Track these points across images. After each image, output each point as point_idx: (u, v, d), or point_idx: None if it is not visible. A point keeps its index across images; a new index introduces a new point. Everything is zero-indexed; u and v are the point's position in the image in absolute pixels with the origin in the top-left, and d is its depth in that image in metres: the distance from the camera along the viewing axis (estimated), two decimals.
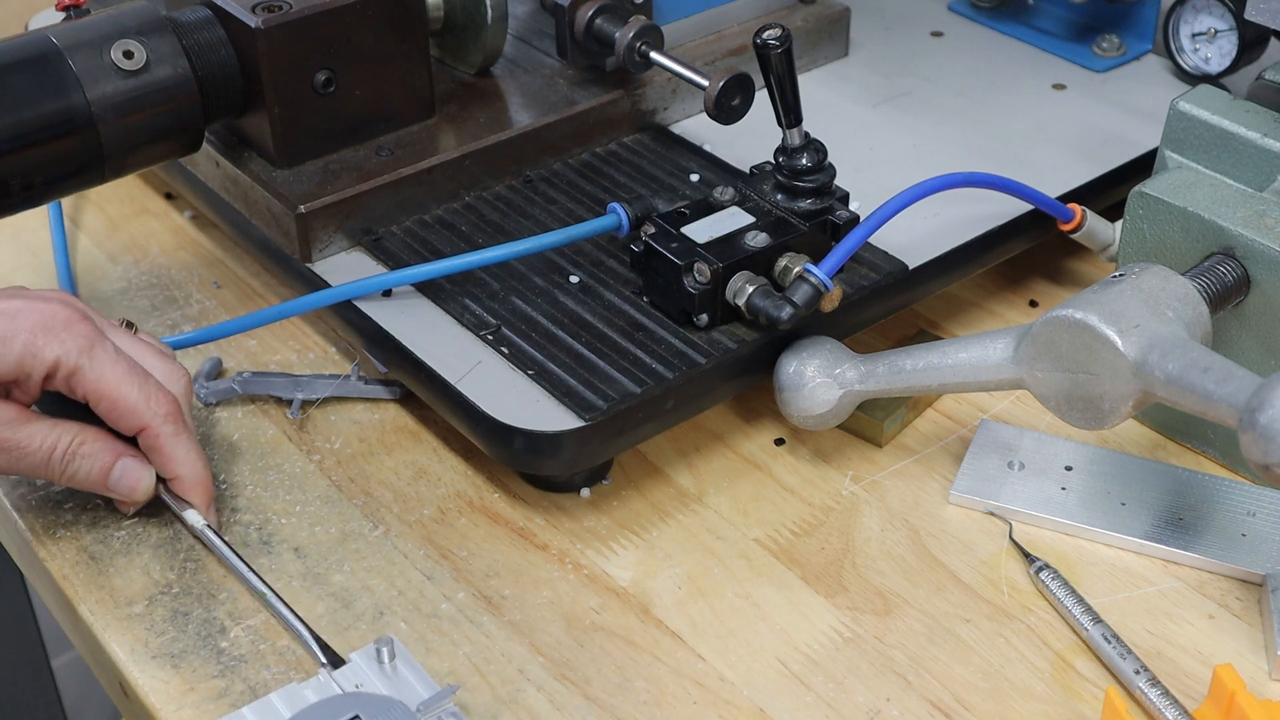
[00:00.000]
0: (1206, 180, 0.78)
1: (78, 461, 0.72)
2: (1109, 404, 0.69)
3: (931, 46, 1.07)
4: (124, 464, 0.73)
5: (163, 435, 0.73)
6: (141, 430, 0.72)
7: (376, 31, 0.85)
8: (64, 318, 0.71)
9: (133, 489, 0.73)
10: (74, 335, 0.71)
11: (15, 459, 0.71)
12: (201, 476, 0.74)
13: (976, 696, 0.68)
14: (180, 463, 0.73)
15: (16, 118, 0.75)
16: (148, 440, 0.73)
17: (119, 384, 0.71)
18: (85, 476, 0.73)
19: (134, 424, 0.72)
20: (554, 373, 0.75)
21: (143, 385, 0.72)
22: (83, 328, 0.71)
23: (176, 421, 0.73)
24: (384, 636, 0.67)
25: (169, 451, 0.73)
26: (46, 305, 0.71)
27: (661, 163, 0.92)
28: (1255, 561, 0.73)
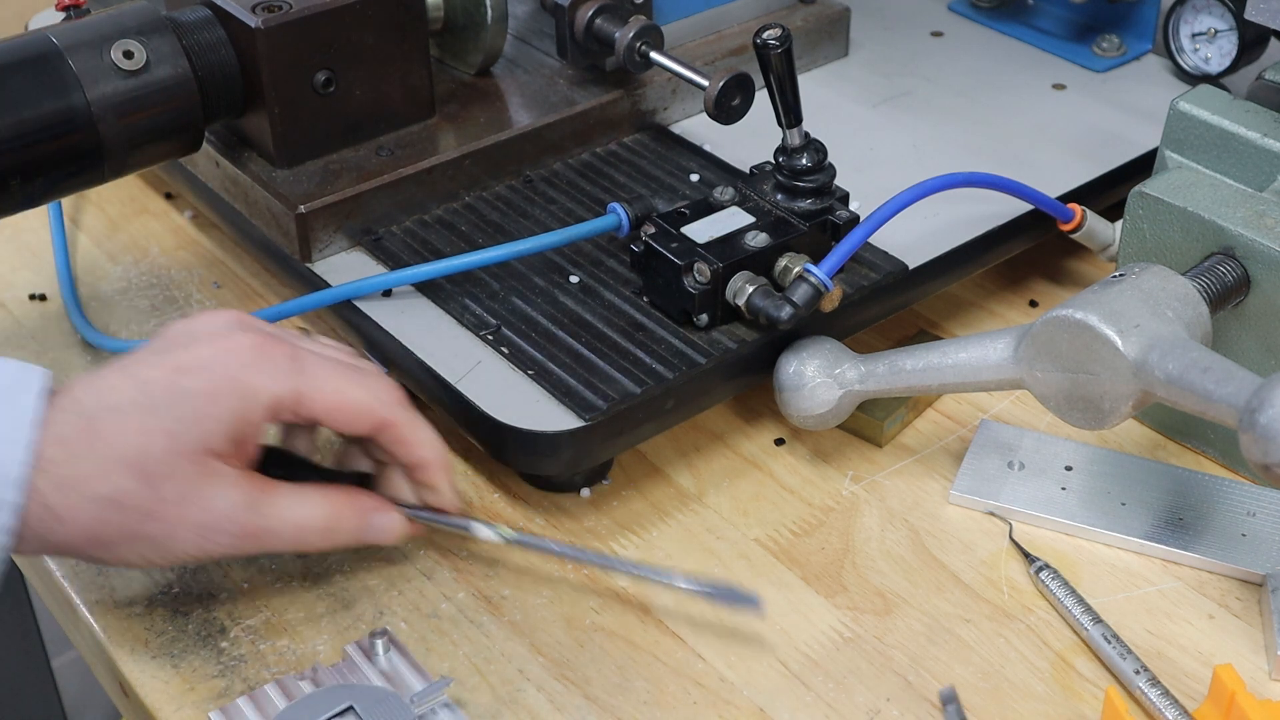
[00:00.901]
0: (1206, 180, 0.78)
1: (330, 538, 0.68)
2: (1109, 404, 0.69)
3: (931, 46, 1.07)
4: (372, 521, 0.69)
5: (401, 424, 0.68)
6: (380, 426, 0.68)
7: (376, 31, 0.85)
8: (254, 346, 0.66)
9: (387, 538, 0.70)
10: (275, 361, 0.66)
11: (264, 544, 0.67)
12: (446, 455, 0.70)
13: (976, 696, 0.68)
14: (423, 445, 0.69)
15: (16, 118, 0.75)
16: (389, 435, 0.68)
17: (343, 391, 0.67)
18: (338, 546, 0.70)
19: (371, 423, 0.68)
20: (554, 373, 0.75)
21: (361, 380, 0.68)
22: (278, 350, 0.66)
23: (408, 405, 0.69)
24: (379, 628, 0.67)
25: (412, 439, 0.69)
26: (230, 341, 0.66)
27: (661, 163, 0.92)
28: (1255, 561, 0.73)
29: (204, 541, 0.65)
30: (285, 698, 0.66)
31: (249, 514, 0.65)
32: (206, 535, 0.64)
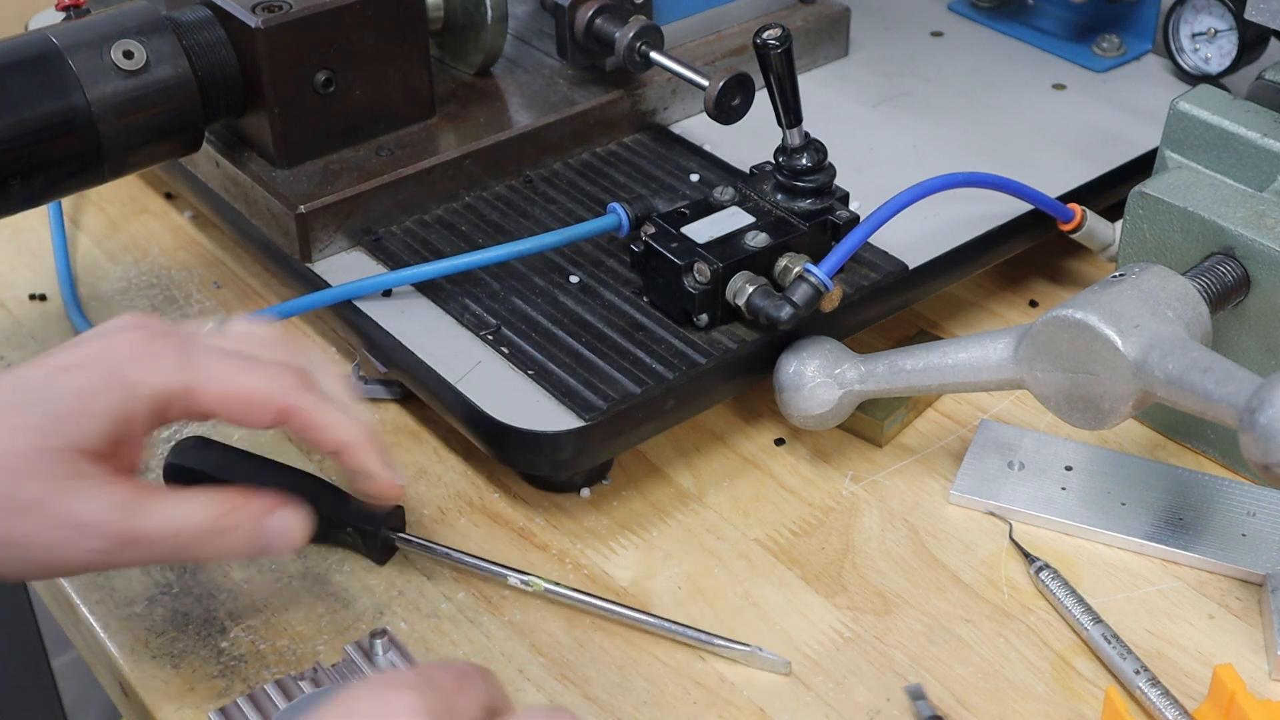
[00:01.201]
0: (1206, 180, 0.78)
1: (216, 544, 0.62)
2: (1109, 404, 0.69)
3: (931, 46, 1.07)
4: (268, 524, 0.63)
5: (306, 408, 0.62)
6: (284, 414, 0.62)
7: (376, 31, 0.85)
8: (140, 340, 0.62)
9: (289, 542, 0.63)
10: (161, 354, 0.61)
11: (141, 551, 0.61)
12: (366, 433, 0.64)
13: (976, 696, 0.68)
14: (337, 427, 0.63)
15: (16, 118, 0.75)
16: (296, 423, 0.63)
17: (234, 379, 0.62)
18: (231, 553, 0.63)
19: (272, 412, 0.62)
20: (554, 373, 0.75)
21: (259, 368, 0.63)
22: (164, 344, 0.62)
23: (312, 389, 0.63)
24: (379, 628, 0.68)
25: (321, 422, 0.63)
26: (116, 337, 0.62)
27: (661, 163, 0.92)
28: (1255, 561, 0.73)
29: (68, 548, 0.60)
30: (285, 698, 0.66)
31: (120, 516, 0.60)
32: (71, 540, 0.60)
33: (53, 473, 0.59)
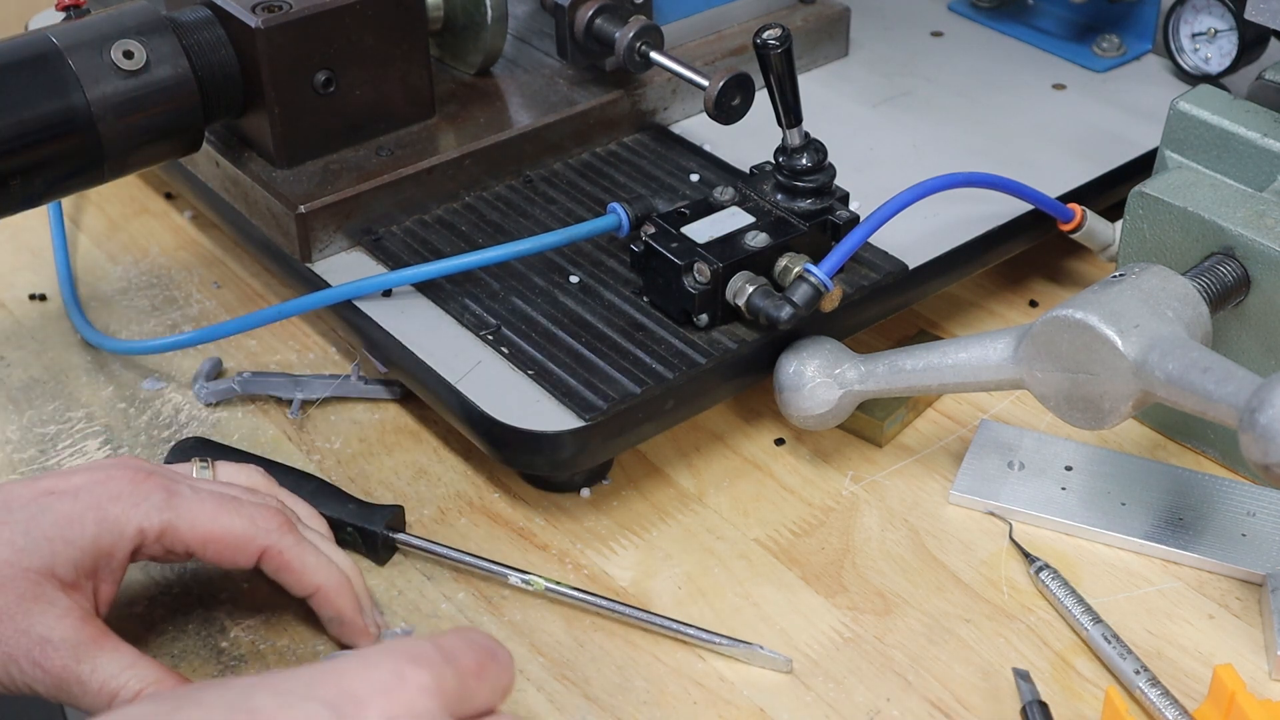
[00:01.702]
0: (1206, 180, 0.78)
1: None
2: (1109, 404, 0.69)
3: (931, 46, 1.07)
4: None
5: (284, 550, 0.65)
6: (261, 554, 0.65)
7: (376, 31, 0.85)
8: (128, 479, 0.64)
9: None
10: (147, 494, 0.63)
11: (72, 697, 0.60)
12: (342, 578, 0.67)
13: (976, 696, 0.68)
14: (314, 571, 0.66)
15: (16, 118, 0.75)
16: (270, 562, 0.65)
17: (216, 519, 0.64)
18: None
19: (250, 552, 0.64)
20: (554, 373, 0.75)
21: (240, 509, 0.65)
22: (151, 483, 0.64)
23: (292, 531, 0.66)
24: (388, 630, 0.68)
25: (298, 565, 0.65)
26: (107, 472, 0.64)
27: (661, 163, 0.92)
28: (1255, 561, 0.73)
29: (10, 665, 0.60)
30: None
31: (64, 657, 0.60)
32: (16, 661, 0.60)
33: (19, 590, 0.61)
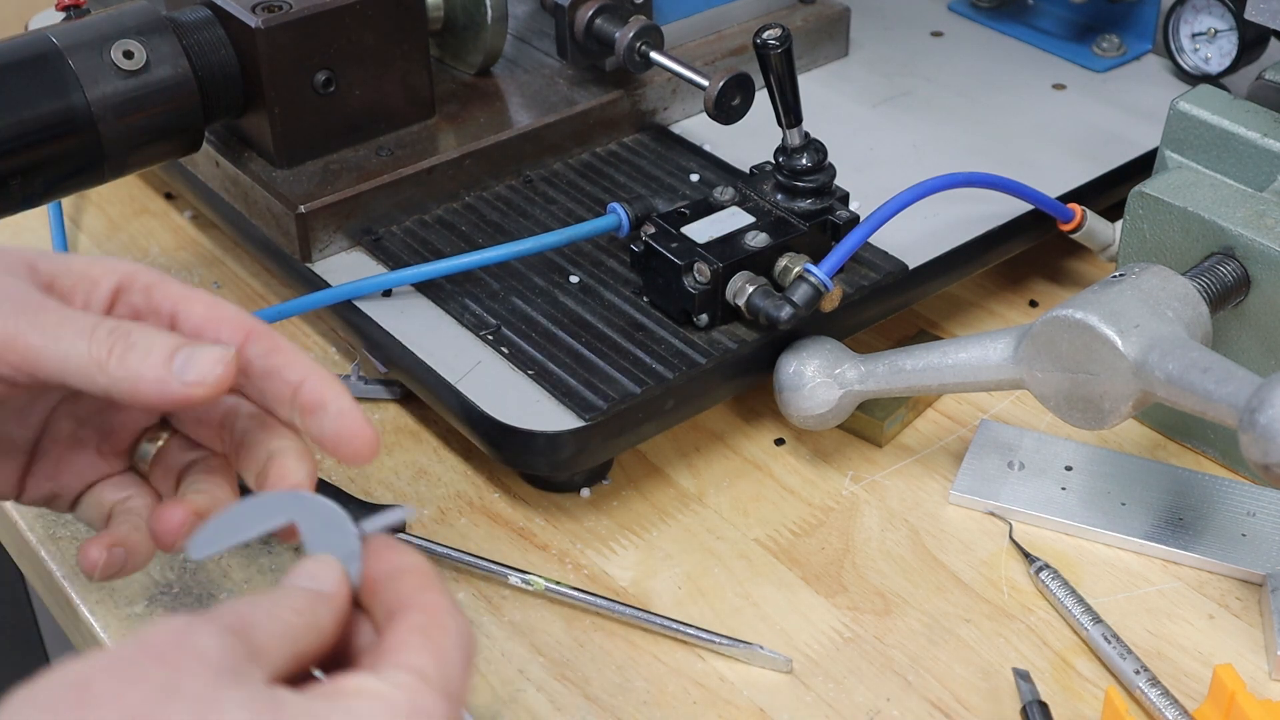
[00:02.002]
0: (1206, 180, 0.78)
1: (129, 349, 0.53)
2: (1109, 404, 0.69)
3: (931, 46, 1.07)
4: (186, 351, 0.53)
5: (272, 335, 0.56)
6: (251, 333, 0.56)
7: (376, 31, 0.85)
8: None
9: (205, 369, 0.53)
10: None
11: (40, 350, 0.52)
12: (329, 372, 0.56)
13: (976, 696, 0.68)
14: (304, 362, 0.56)
15: (16, 118, 0.75)
16: (261, 343, 0.56)
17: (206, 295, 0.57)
18: (138, 366, 0.52)
19: (241, 326, 0.56)
20: (554, 373, 0.75)
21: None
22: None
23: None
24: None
25: (289, 351, 0.56)
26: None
27: (661, 163, 0.92)
28: (1255, 561, 0.73)
29: None
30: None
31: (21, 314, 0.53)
32: None
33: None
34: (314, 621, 0.50)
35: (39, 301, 0.53)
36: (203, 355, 0.53)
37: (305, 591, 0.51)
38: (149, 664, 0.44)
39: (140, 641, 0.45)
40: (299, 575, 0.52)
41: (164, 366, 0.53)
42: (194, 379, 0.53)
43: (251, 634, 0.47)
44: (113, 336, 0.53)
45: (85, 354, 0.52)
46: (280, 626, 0.48)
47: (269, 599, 0.49)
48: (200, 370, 0.53)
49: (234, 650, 0.45)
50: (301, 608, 0.50)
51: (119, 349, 0.53)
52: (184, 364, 0.53)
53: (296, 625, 0.49)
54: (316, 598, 0.50)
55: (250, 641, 0.47)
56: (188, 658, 0.44)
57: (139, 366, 0.53)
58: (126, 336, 0.53)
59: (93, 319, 0.53)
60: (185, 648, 0.45)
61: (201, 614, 0.46)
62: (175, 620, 0.46)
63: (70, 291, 0.55)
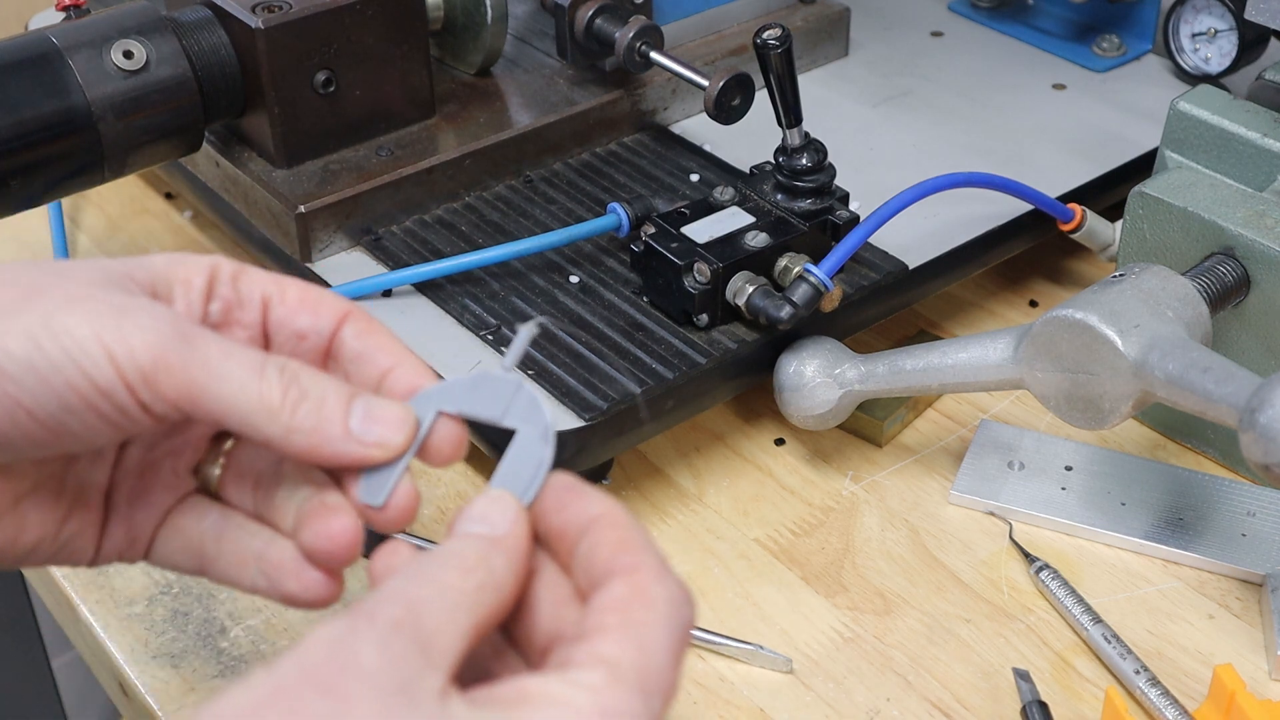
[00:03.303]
0: (1206, 180, 0.78)
1: (303, 399, 0.47)
2: (1109, 404, 0.69)
3: (931, 46, 1.07)
4: (362, 405, 0.48)
5: (369, 318, 0.52)
6: (345, 316, 0.51)
7: (376, 31, 0.85)
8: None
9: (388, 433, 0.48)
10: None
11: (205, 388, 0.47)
12: (422, 363, 0.52)
13: (976, 696, 0.68)
14: (398, 349, 0.52)
15: (16, 118, 0.75)
16: (357, 325, 0.51)
17: (298, 281, 0.53)
18: (314, 427, 0.47)
19: (336, 309, 0.51)
20: (554, 373, 0.75)
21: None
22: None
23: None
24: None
25: (383, 335, 0.51)
26: None
27: (661, 163, 0.92)
28: (1255, 561, 0.73)
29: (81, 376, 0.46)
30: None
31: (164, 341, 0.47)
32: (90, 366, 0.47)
33: (102, 282, 0.48)
34: (488, 579, 0.44)
35: (193, 330, 0.47)
36: (385, 415, 0.49)
37: (474, 541, 0.45)
38: (311, 695, 0.39)
39: (299, 662, 0.40)
40: (466, 519, 0.46)
41: (343, 423, 0.48)
42: (375, 440, 0.48)
43: (420, 622, 0.41)
44: (284, 378, 0.47)
45: (256, 397, 0.47)
46: (451, 598, 0.43)
47: (435, 562, 0.44)
48: (382, 433, 0.48)
49: (402, 656, 0.40)
50: (472, 563, 0.44)
51: (293, 394, 0.47)
52: (364, 422, 0.48)
53: (468, 590, 0.43)
54: (489, 546, 0.45)
55: (420, 632, 0.41)
56: (351, 681, 0.40)
57: (317, 421, 0.48)
58: (297, 380, 0.48)
59: (259, 355, 0.48)
60: (347, 667, 0.40)
61: (362, 612, 0.41)
62: (333, 629, 0.41)
63: (169, 299, 0.50)
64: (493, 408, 0.49)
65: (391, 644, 0.40)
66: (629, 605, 0.43)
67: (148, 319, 0.47)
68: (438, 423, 0.49)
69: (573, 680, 0.41)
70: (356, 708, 0.39)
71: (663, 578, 0.44)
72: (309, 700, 0.39)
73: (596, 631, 0.42)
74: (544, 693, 0.41)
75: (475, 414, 0.49)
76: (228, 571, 0.52)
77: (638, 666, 0.41)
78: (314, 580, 0.51)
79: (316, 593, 0.51)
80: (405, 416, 0.49)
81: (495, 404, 0.49)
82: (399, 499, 0.49)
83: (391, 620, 0.41)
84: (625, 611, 0.43)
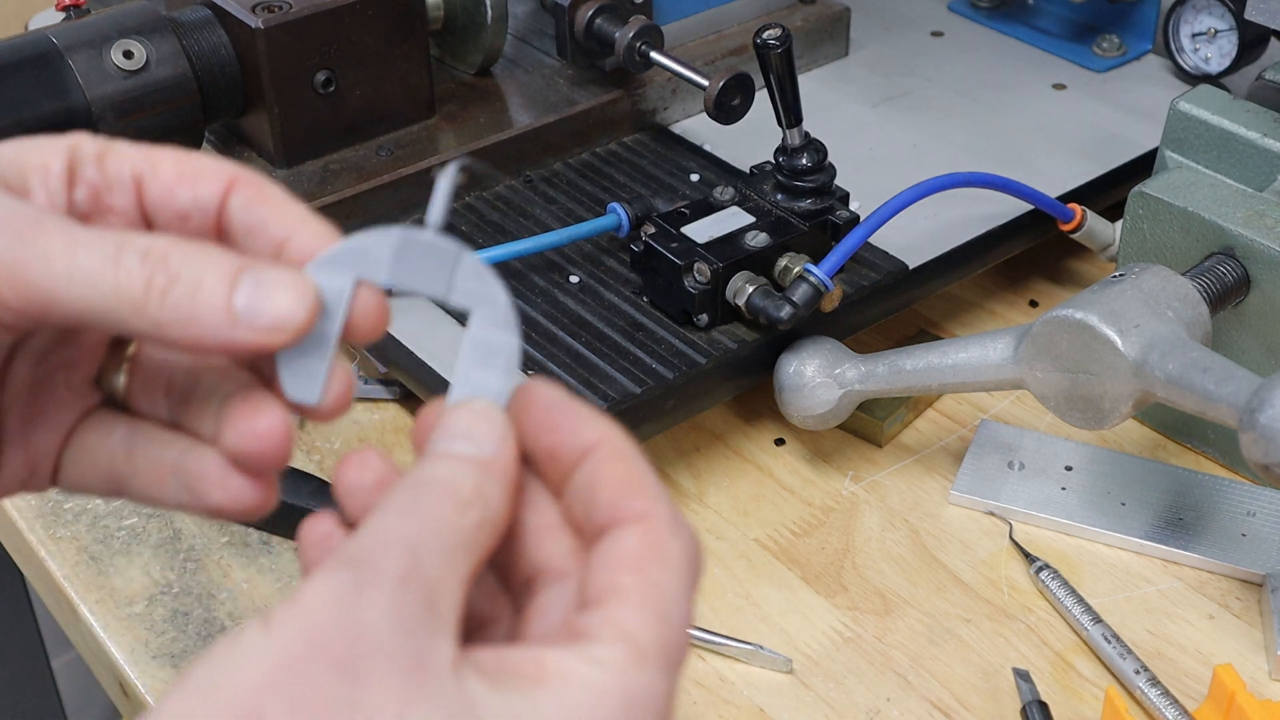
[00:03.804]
0: (1206, 180, 0.78)
1: (173, 283, 0.39)
2: (1109, 404, 0.69)
3: (931, 46, 1.07)
4: (250, 278, 0.40)
5: (260, 182, 0.43)
6: (230, 184, 0.43)
7: (376, 31, 0.85)
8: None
9: (282, 309, 0.40)
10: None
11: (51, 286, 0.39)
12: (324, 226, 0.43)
13: (976, 696, 0.68)
14: (295, 213, 0.43)
15: (16, 118, 0.75)
16: (244, 193, 0.43)
17: (172, 150, 0.44)
18: (190, 316, 0.39)
19: (218, 177, 0.43)
20: (554, 373, 0.75)
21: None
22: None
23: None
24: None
25: (278, 201, 0.43)
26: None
27: (661, 163, 0.92)
28: (1255, 561, 0.73)
29: None
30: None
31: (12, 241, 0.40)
32: None
33: None
34: (485, 513, 0.39)
35: (32, 217, 0.40)
36: (276, 290, 0.40)
37: (464, 465, 0.39)
38: (322, 674, 0.34)
39: (303, 628, 0.35)
40: (447, 435, 0.40)
41: (225, 306, 0.40)
42: (268, 323, 0.40)
43: (424, 571, 0.37)
44: (148, 263, 0.39)
45: (112, 290, 0.39)
46: (450, 539, 0.38)
47: (427, 494, 0.38)
48: (276, 312, 0.40)
49: (413, 619, 0.36)
50: (468, 495, 0.39)
51: (159, 280, 0.39)
52: (252, 301, 0.40)
53: (467, 529, 0.38)
54: (482, 472, 0.39)
55: (425, 584, 0.36)
56: (365, 654, 0.35)
57: (191, 306, 0.39)
58: (164, 262, 0.39)
59: (113, 237, 0.40)
60: (360, 637, 0.35)
61: (363, 561, 0.36)
62: (335, 583, 0.36)
63: (25, 189, 0.42)
64: (432, 282, 0.41)
65: (402, 604, 0.35)
66: (644, 563, 0.38)
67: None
68: (358, 293, 0.41)
69: (594, 658, 0.37)
70: (372, 689, 0.34)
71: (676, 528, 0.39)
72: (321, 681, 0.34)
73: (612, 596, 0.38)
74: (564, 671, 0.37)
75: (410, 287, 0.41)
76: (146, 489, 0.45)
77: (660, 640, 0.38)
78: (241, 488, 0.43)
79: (245, 501, 0.44)
80: (302, 287, 0.40)
81: (434, 277, 0.41)
82: (335, 389, 0.42)
83: (398, 573, 0.36)
84: (641, 571, 0.38)
